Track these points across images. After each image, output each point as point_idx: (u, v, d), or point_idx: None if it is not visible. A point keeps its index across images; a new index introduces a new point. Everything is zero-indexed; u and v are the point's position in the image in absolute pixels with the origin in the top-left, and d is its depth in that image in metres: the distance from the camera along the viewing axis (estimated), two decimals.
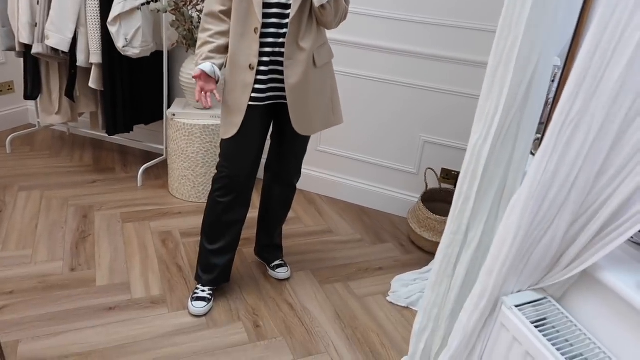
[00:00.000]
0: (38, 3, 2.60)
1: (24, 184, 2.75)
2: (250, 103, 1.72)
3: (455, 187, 2.64)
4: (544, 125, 1.26)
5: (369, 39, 2.53)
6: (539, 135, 1.20)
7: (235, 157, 1.81)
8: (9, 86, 3.42)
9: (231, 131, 1.75)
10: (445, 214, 2.44)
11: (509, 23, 1.00)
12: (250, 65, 1.68)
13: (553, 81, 1.37)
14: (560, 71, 1.20)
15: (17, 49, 2.78)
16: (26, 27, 2.63)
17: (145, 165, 2.93)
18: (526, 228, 0.85)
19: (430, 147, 2.65)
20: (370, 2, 2.45)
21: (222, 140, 1.81)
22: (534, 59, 1.00)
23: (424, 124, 2.61)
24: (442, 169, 2.66)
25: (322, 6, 1.60)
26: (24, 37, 2.65)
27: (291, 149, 1.94)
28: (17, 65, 3.04)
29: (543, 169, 0.77)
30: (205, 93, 1.67)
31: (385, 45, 2.52)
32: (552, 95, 1.37)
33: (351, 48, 2.55)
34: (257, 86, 1.72)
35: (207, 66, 1.65)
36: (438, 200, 2.60)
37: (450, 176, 2.65)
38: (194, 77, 1.65)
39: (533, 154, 1.24)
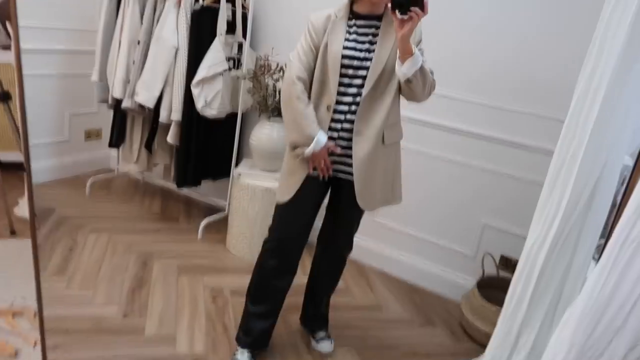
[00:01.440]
0: (134, 63, 2.88)
1: (96, 225, 2.94)
2: (310, 172, 1.78)
3: (513, 275, 2.52)
4: (609, 230, 1.19)
5: (442, 119, 2.56)
6: (604, 240, 1.14)
7: (287, 222, 1.85)
8: (97, 133, 3.73)
9: (287, 196, 1.80)
10: (501, 303, 2.33)
11: (575, 123, 0.99)
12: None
13: (623, 183, 1.31)
14: (630, 172, 1.13)
15: (110, 101, 3.06)
16: (120, 83, 2.91)
17: (207, 219, 3.04)
18: (579, 347, 0.79)
19: (490, 231, 2.57)
20: (450, 84, 2.49)
21: (277, 204, 1.87)
22: (601, 161, 0.98)
23: (486, 207, 2.55)
24: (501, 256, 2.55)
25: (408, 80, 1.62)
26: (117, 92, 2.93)
27: (345, 222, 1.96)
28: (107, 115, 3.33)
29: (601, 286, 0.73)
30: (325, 162, 1.73)
31: (454, 126, 2.53)
32: (620, 196, 1.30)
33: (420, 126, 2.59)
34: None
35: (323, 141, 1.70)
36: (495, 287, 2.48)
37: (509, 264, 2.54)
38: (322, 152, 1.71)
39: (596, 260, 1.17)
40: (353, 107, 1.72)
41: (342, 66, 1.71)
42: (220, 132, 3.00)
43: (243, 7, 2.84)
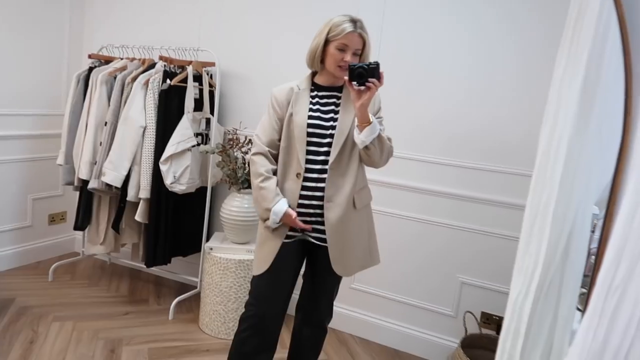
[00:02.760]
0: (100, 144, 2.86)
1: (59, 313, 2.77)
2: (284, 241, 1.76)
3: (497, 333, 2.49)
4: (589, 278, 1.21)
5: (407, 180, 2.61)
6: (585, 290, 1.16)
7: (265, 295, 1.80)
8: (62, 216, 3.63)
9: (264, 266, 1.76)
10: None
11: (543, 176, 1.03)
12: (289, 206, 1.75)
13: (593, 232, 1.35)
14: (602, 221, 1.16)
15: (75, 183, 3.00)
16: (87, 165, 2.87)
17: (178, 298, 2.92)
18: None
19: (469, 288, 2.56)
20: (410, 147, 2.58)
21: (253, 277, 1.83)
22: (572, 212, 1.01)
23: (461, 265, 2.56)
24: (482, 312, 2.53)
25: (366, 147, 1.68)
26: (83, 173, 2.88)
27: (324, 288, 1.92)
28: (72, 197, 3.25)
29: (592, 337, 0.73)
30: (297, 224, 1.75)
31: (423, 187, 2.59)
32: (594, 245, 1.34)
33: (390, 189, 2.63)
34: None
35: (282, 209, 1.73)
36: (479, 346, 2.44)
37: (491, 321, 2.52)
38: (287, 219, 1.73)
39: (580, 310, 1.18)
40: (322, 175, 1.75)
41: (309, 135, 1.75)
42: (190, 207, 2.97)
43: (210, 85, 2.91)
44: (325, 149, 1.75)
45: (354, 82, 1.63)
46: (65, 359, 2.35)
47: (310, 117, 1.76)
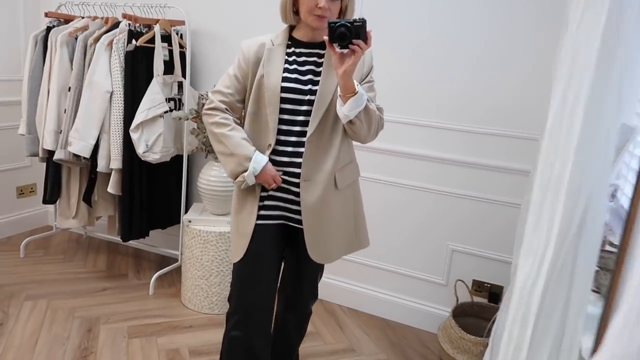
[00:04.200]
0: (65, 111, 2.65)
1: (32, 292, 2.63)
2: (258, 222, 1.57)
3: (489, 301, 2.43)
4: (606, 256, 1.10)
5: (392, 145, 2.46)
6: (598, 268, 1.05)
7: (249, 285, 1.60)
8: (31, 188, 3.43)
9: (241, 251, 1.57)
10: (479, 331, 2.21)
11: (555, 146, 0.89)
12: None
13: (612, 200, 1.23)
14: (634, 185, 0.98)
15: (40, 154, 2.80)
16: (51, 134, 2.67)
17: (158, 272, 2.80)
18: None
19: (459, 256, 2.47)
20: (400, 109, 2.41)
21: (234, 265, 1.63)
22: (588, 182, 0.88)
23: (451, 232, 2.46)
24: (474, 280, 2.46)
25: (350, 122, 1.44)
26: (47, 143, 2.68)
27: (306, 273, 1.73)
28: (40, 168, 3.06)
29: (627, 339, 0.61)
30: (275, 178, 1.51)
31: (410, 151, 2.45)
32: (611, 216, 1.22)
33: (374, 154, 2.49)
34: (267, 202, 1.58)
35: (263, 159, 1.50)
36: (471, 314, 2.37)
37: (483, 288, 2.44)
38: (267, 171, 1.49)
39: (596, 292, 1.07)
40: (299, 149, 1.51)
41: (283, 101, 1.50)
42: (166, 177, 2.80)
43: (180, 45, 2.69)
44: (302, 117, 1.50)
45: (336, 44, 1.37)
46: (38, 341, 2.23)
47: (285, 80, 1.50)
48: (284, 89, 1.50)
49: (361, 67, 1.51)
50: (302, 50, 1.55)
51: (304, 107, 1.51)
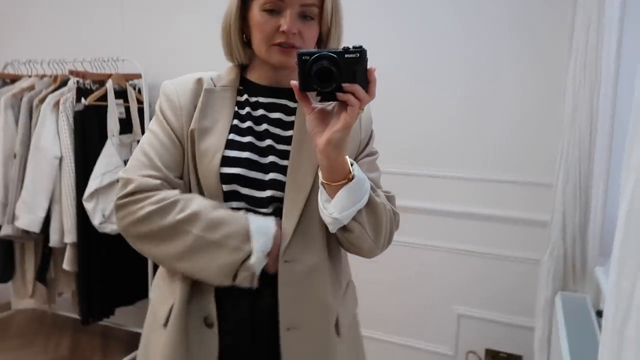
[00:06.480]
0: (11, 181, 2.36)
1: None
2: None
3: None
4: None
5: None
6: None
7: None
8: None
9: None
10: None
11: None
12: (206, 319, 0.92)
13: None
14: None
15: None
16: None
17: (128, 356, 2.45)
18: None
19: (467, 322, 2.13)
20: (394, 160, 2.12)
21: None
22: None
23: (456, 294, 2.13)
24: (486, 350, 2.11)
25: (344, 228, 0.89)
26: None
27: None
28: None
29: None
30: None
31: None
32: None
33: None
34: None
35: (268, 220, 0.90)
36: None
37: (497, 358, 2.10)
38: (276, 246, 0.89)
39: None
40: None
41: (227, 181, 0.90)
42: (128, 249, 2.44)
43: (138, 100, 2.42)
44: (265, 210, 0.92)
45: (312, 92, 0.81)
46: None
47: (231, 147, 0.92)
48: (230, 162, 0.91)
49: (356, 131, 0.97)
50: (261, 99, 0.98)
51: (266, 194, 0.92)
